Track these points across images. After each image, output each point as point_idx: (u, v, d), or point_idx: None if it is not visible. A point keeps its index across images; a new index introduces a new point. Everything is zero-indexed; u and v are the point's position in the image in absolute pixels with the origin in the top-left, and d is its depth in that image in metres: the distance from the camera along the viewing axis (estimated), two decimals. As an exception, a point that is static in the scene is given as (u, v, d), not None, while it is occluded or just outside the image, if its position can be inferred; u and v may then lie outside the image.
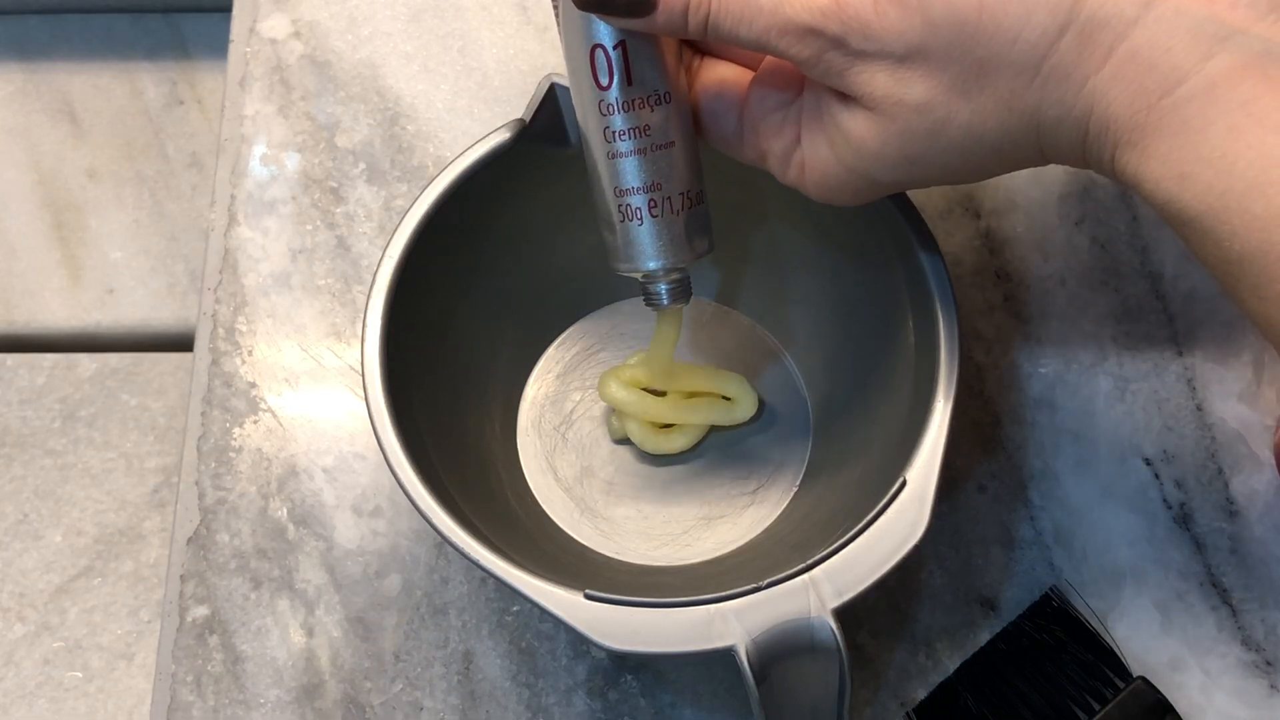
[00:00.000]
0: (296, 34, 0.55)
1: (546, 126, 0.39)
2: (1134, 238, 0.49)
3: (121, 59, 0.73)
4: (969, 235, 0.50)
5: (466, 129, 0.53)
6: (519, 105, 0.40)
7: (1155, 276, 0.49)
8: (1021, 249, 0.49)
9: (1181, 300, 0.48)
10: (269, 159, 0.52)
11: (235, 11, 0.56)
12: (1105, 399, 0.47)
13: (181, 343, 0.67)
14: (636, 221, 0.37)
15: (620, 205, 0.37)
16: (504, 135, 0.40)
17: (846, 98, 0.33)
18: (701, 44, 0.38)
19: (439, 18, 0.56)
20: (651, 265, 0.38)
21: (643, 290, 0.40)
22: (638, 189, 0.37)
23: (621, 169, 0.36)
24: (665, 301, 0.39)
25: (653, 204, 0.37)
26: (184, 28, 0.74)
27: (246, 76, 0.54)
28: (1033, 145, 0.32)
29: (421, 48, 0.55)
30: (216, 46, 0.71)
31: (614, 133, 0.36)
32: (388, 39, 0.55)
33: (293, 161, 0.52)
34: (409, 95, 0.54)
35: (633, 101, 0.35)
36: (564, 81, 0.38)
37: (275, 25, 0.55)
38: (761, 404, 0.46)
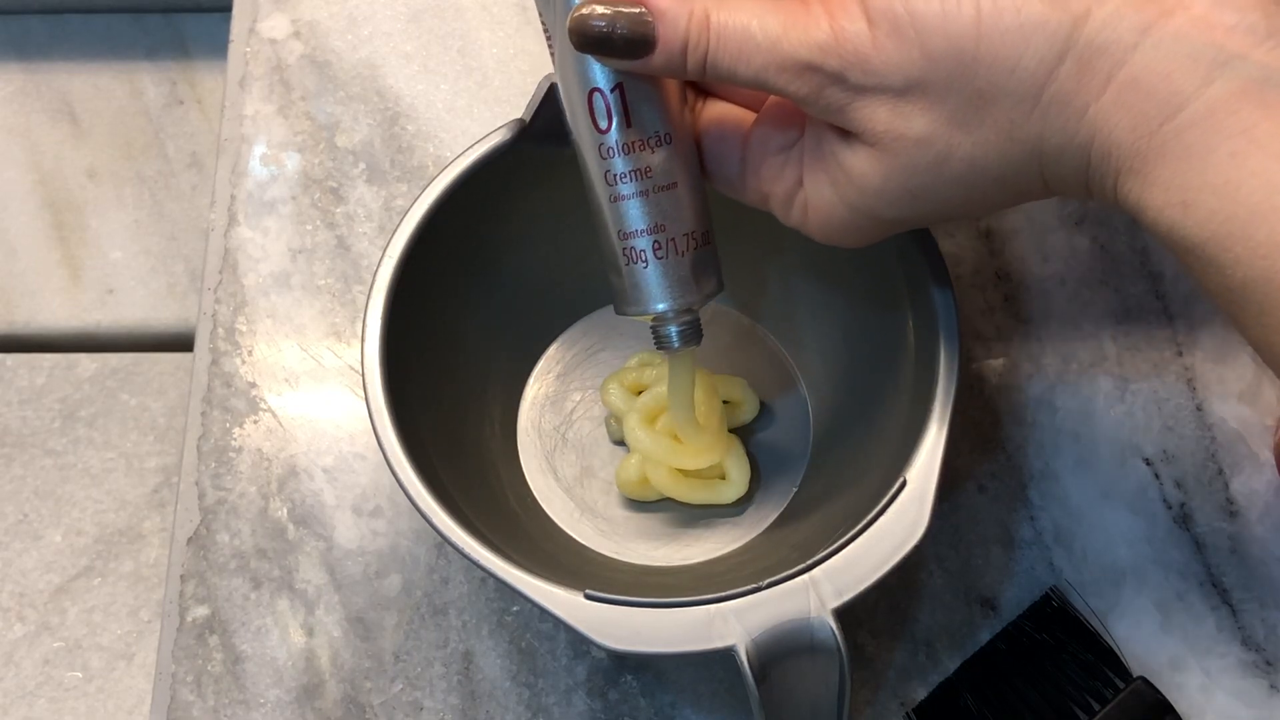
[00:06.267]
0: (296, 34, 0.55)
1: (546, 126, 0.39)
2: (1134, 238, 0.49)
3: (121, 59, 0.73)
4: (969, 235, 0.50)
5: (466, 129, 0.53)
6: (519, 105, 0.40)
7: (1155, 276, 0.49)
8: (1021, 249, 0.49)
9: (1181, 300, 0.48)
10: (269, 159, 0.52)
11: (235, 11, 0.56)
12: (1105, 399, 0.47)
13: (181, 343, 0.67)
14: (642, 264, 0.36)
15: (625, 248, 0.36)
16: (504, 135, 0.40)
17: (848, 135, 0.33)
18: (704, 84, 0.37)
19: (439, 18, 0.56)
20: (660, 307, 0.37)
21: (653, 334, 0.39)
22: (642, 231, 0.36)
23: (624, 212, 0.36)
24: (676, 344, 0.38)
25: (657, 246, 0.36)
26: (184, 28, 0.74)
27: (246, 76, 0.54)
28: (1035, 176, 0.31)
29: (421, 48, 0.55)
30: (216, 46, 0.71)
31: (615, 175, 0.35)
32: (388, 39, 0.55)
33: (293, 161, 0.52)
34: (409, 95, 0.54)
35: (633, 144, 0.35)
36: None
37: (275, 25, 0.55)
38: (761, 404, 0.46)
